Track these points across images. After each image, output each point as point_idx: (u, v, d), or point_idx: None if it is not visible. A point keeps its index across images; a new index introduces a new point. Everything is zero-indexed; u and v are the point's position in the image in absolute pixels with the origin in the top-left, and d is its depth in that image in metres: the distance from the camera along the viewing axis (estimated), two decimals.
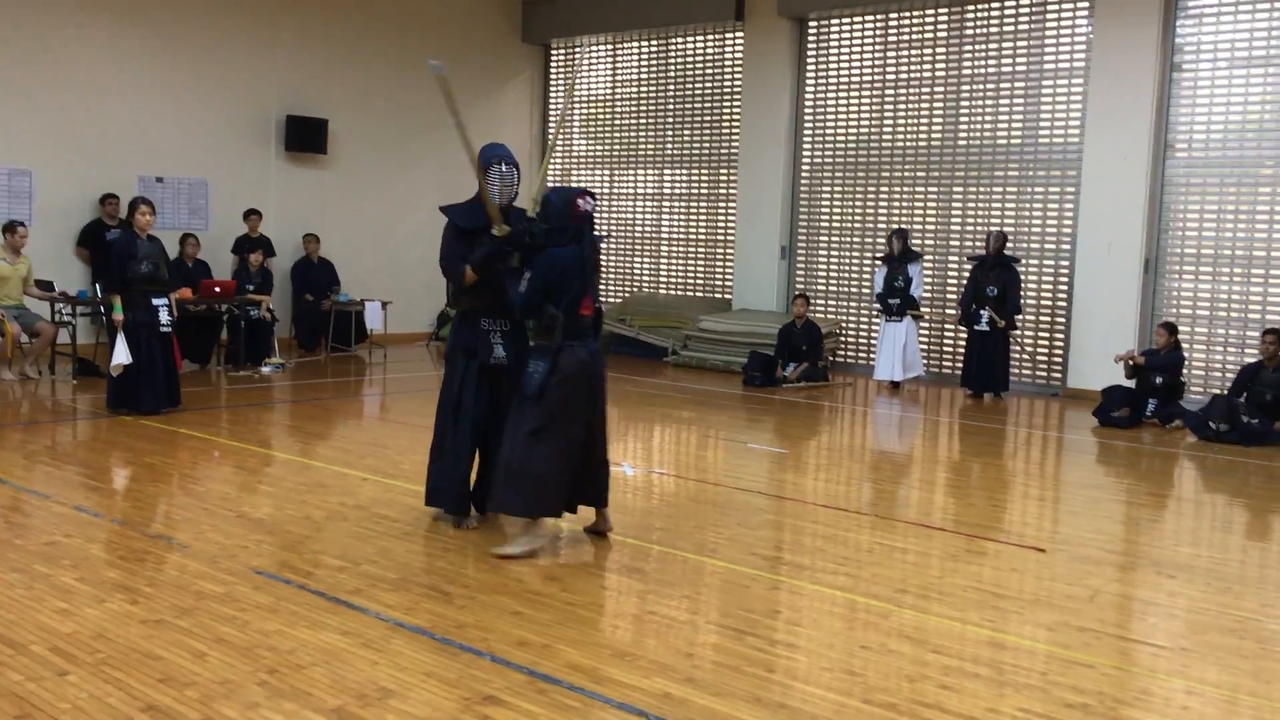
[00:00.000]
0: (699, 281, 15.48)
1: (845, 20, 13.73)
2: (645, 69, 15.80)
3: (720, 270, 15.19)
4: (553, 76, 16.88)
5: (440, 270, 5.93)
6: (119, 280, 8.87)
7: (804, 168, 14.24)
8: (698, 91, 15.23)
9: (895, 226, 12.93)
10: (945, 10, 12.92)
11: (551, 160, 15.75)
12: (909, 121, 13.34)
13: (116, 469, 7.32)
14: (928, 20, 13.10)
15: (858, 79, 13.73)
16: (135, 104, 12.68)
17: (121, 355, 8.72)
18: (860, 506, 6.88)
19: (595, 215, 5.70)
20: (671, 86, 15.51)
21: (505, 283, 5.63)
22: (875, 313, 12.84)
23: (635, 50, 15.86)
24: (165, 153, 12.96)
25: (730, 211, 14.92)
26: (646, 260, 16.06)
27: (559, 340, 5.44)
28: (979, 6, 12.67)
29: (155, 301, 8.97)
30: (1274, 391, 9.58)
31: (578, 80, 16.55)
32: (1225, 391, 10.17)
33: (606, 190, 16.26)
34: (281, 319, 13.30)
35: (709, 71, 15.12)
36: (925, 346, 12.84)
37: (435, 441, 6.04)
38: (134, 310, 8.83)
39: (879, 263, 12.63)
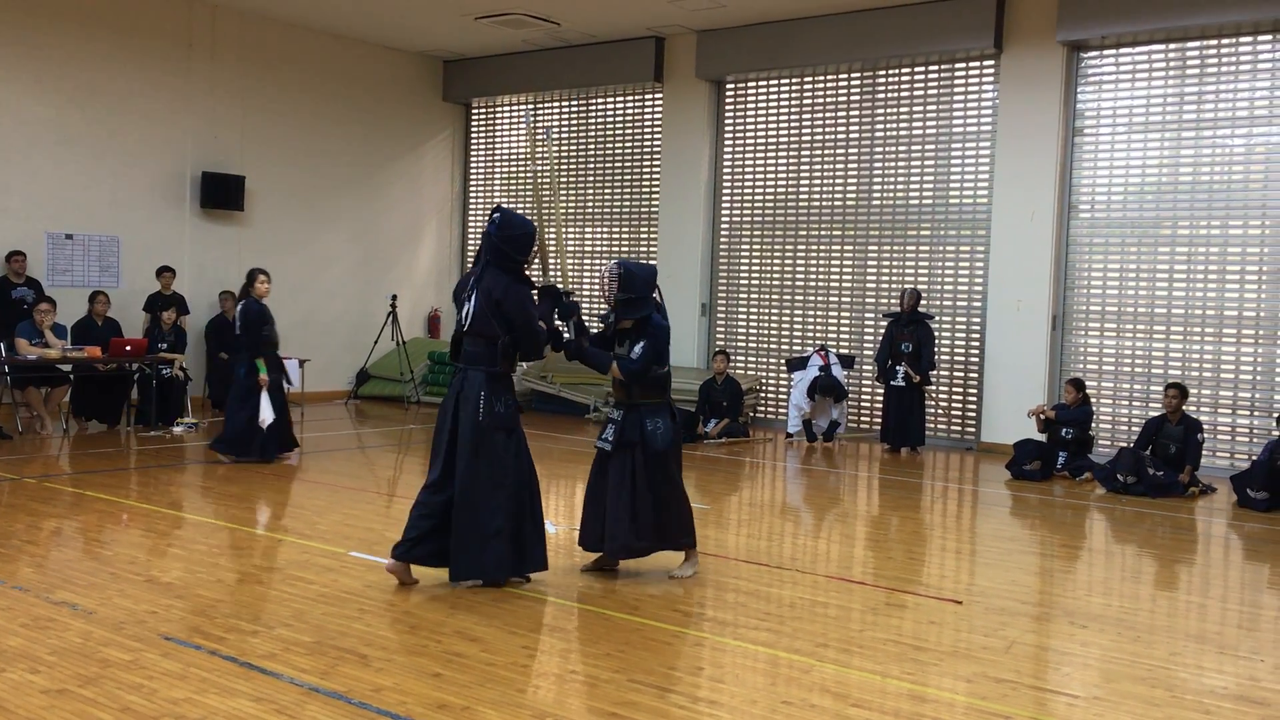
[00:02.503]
0: None
1: (761, 83, 14.03)
2: (566, 128, 15.94)
3: None
4: (473, 135, 16.95)
5: (535, 334, 5.86)
6: (256, 344, 9.84)
7: (723, 226, 14.44)
8: (618, 151, 15.41)
9: (824, 369, 12.36)
10: (858, 75, 13.28)
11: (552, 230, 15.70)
12: (824, 181, 13.62)
13: (19, 533, 7.06)
14: (840, 84, 13.45)
15: (774, 140, 14.00)
16: (43, 158, 12.40)
17: (267, 412, 9.78)
18: (782, 561, 6.91)
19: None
20: (592, 146, 15.67)
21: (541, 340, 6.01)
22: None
23: (556, 109, 16.01)
24: (75, 209, 12.68)
25: None
26: None
27: (668, 397, 6.24)
28: (890, 71, 13.05)
29: (284, 362, 10.48)
30: (1178, 444, 9.88)
31: (537, 140, 16.61)
32: (1131, 444, 10.45)
33: None
34: (195, 378, 13.05)
35: (629, 131, 15.31)
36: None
37: (513, 510, 5.84)
38: (273, 371, 9.98)
39: (793, 376, 12.59)
